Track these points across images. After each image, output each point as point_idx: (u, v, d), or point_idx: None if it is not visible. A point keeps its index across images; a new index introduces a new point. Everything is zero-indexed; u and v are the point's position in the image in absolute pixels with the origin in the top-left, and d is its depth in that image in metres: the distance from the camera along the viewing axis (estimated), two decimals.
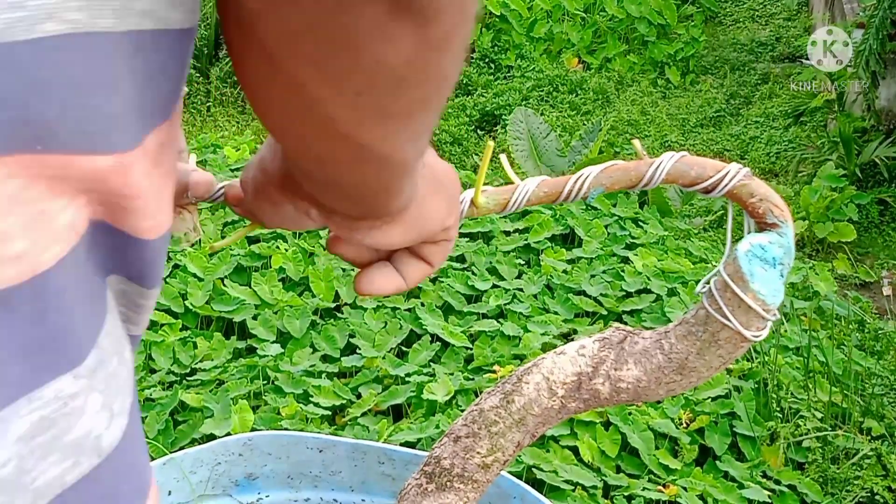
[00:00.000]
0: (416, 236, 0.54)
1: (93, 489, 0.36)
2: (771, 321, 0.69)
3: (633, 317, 2.73)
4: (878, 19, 4.42)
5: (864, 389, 2.43)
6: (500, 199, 0.66)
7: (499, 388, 0.79)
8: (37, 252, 0.34)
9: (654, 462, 2.07)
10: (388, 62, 0.36)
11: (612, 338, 0.76)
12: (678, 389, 0.74)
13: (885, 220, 4.42)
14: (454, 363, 2.43)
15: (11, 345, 0.33)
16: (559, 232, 3.22)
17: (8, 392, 0.33)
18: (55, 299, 0.35)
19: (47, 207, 0.34)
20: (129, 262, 0.40)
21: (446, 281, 2.84)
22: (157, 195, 0.39)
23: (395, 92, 0.39)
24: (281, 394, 2.26)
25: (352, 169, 0.45)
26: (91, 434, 0.36)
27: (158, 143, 0.39)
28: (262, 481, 1.34)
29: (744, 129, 5.53)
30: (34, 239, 0.34)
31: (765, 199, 0.68)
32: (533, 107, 5.40)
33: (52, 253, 0.34)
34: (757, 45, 6.47)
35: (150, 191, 0.38)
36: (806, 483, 2.07)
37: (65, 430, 0.35)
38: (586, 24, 6.45)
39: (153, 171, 0.38)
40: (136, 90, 0.36)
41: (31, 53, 0.31)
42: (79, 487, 0.36)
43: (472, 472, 0.78)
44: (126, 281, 0.41)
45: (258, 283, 2.74)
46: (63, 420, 0.35)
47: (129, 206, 0.37)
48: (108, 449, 0.37)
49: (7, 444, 0.33)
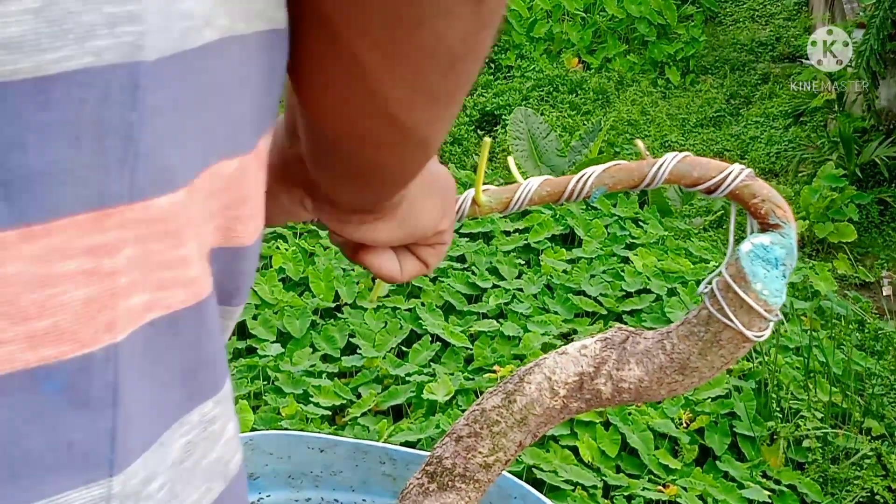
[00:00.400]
0: (404, 235, 0.54)
1: None
2: (773, 321, 0.69)
3: (633, 317, 2.73)
4: (878, 19, 4.42)
5: (864, 389, 2.43)
6: (502, 199, 0.66)
7: (500, 388, 0.79)
8: (203, 278, 0.35)
9: (654, 462, 2.07)
10: (446, 39, 0.38)
11: (613, 338, 0.76)
12: (680, 390, 0.74)
13: (885, 220, 4.42)
14: (454, 363, 2.43)
15: (175, 369, 0.34)
16: (559, 232, 3.22)
17: (169, 415, 0.34)
18: (209, 325, 0.36)
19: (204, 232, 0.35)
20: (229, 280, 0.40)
21: (446, 281, 2.84)
22: (261, 198, 0.40)
23: (446, 72, 0.40)
24: (281, 394, 2.26)
25: (389, 152, 0.46)
26: (222, 460, 0.37)
27: (266, 146, 0.40)
28: (263, 481, 1.34)
29: (744, 129, 5.53)
30: (203, 266, 0.35)
31: (767, 199, 0.68)
32: (533, 107, 5.40)
33: (209, 281, 0.35)
34: (757, 45, 6.47)
35: (257, 194, 0.39)
36: (806, 483, 2.08)
37: (204, 454, 0.36)
38: (586, 24, 6.45)
39: (260, 173, 0.40)
40: (259, 91, 0.37)
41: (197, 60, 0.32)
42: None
43: (473, 471, 0.78)
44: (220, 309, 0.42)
45: (258, 283, 2.74)
46: (203, 445, 0.36)
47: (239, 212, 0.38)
48: (232, 474, 0.38)
49: (165, 469, 0.34)
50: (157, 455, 0.33)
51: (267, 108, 0.39)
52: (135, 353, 0.32)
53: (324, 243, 3.05)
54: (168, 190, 0.32)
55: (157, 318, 0.33)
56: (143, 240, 0.31)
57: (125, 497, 0.32)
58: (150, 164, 0.31)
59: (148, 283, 0.32)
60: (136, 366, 0.32)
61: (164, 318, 0.33)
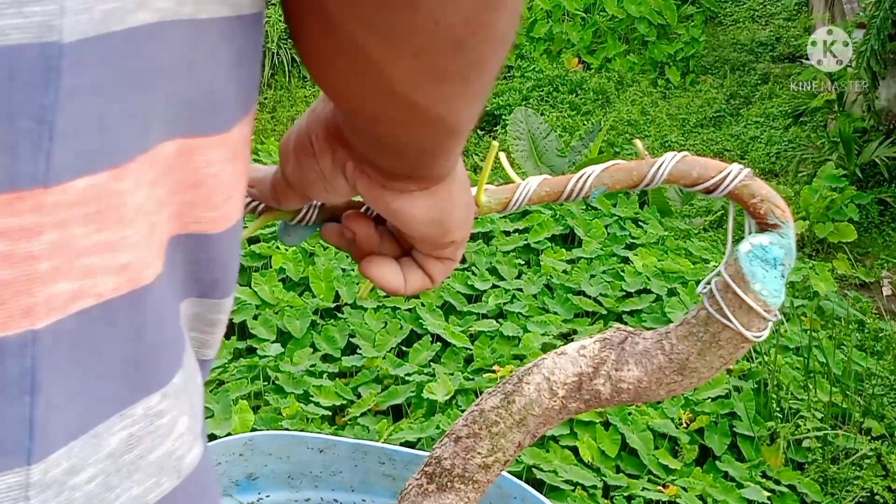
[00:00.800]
0: (436, 218, 0.52)
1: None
2: (772, 322, 0.69)
3: (633, 317, 2.73)
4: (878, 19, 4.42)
5: (864, 389, 2.43)
6: (501, 198, 0.65)
7: (499, 389, 0.79)
8: (140, 266, 0.34)
9: (654, 462, 2.07)
10: (446, 22, 0.37)
11: (612, 338, 0.76)
12: (679, 390, 0.74)
13: (885, 220, 4.42)
14: (454, 363, 2.43)
15: (112, 360, 0.33)
16: (559, 232, 3.21)
17: (105, 408, 0.33)
18: (152, 316, 0.35)
19: (157, 220, 0.34)
20: (201, 270, 0.40)
21: (446, 281, 2.84)
22: (224, 187, 0.39)
23: (452, 54, 0.39)
24: (281, 394, 2.26)
25: (406, 129, 0.45)
26: (174, 455, 0.37)
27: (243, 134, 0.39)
28: (263, 481, 1.34)
29: (744, 129, 5.53)
30: (143, 253, 0.34)
31: (766, 199, 0.68)
32: (533, 107, 5.40)
33: (153, 269, 0.35)
34: (757, 45, 6.47)
35: (222, 180, 0.39)
36: (806, 483, 2.07)
37: (150, 448, 0.35)
38: (586, 24, 6.45)
39: (233, 161, 0.39)
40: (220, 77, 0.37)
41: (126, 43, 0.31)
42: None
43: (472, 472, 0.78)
44: (198, 301, 0.41)
45: (258, 283, 2.74)
46: (149, 438, 0.35)
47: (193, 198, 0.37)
48: (187, 471, 0.37)
49: (98, 460, 0.33)
50: (88, 446, 0.33)
51: (236, 95, 0.38)
52: (61, 342, 0.31)
53: (324, 243, 3.05)
54: (88, 173, 0.31)
55: (88, 307, 0.32)
56: (65, 224, 0.31)
57: (46, 486, 0.31)
58: (67, 148, 0.30)
59: (75, 270, 0.31)
60: (63, 354, 0.31)
61: (96, 307, 0.32)
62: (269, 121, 5.77)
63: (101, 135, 0.31)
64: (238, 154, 0.40)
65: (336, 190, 0.51)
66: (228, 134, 0.38)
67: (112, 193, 0.32)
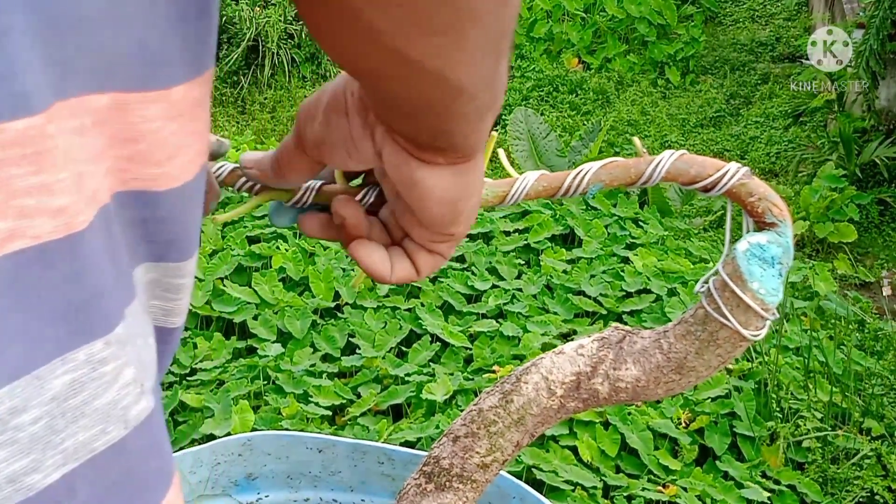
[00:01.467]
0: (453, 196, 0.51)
1: (120, 460, 0.37)
2: (770, 320, 0.69)
3: (632, 317, 2.73)
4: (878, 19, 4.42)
5: (864, 389, 2.43)
6: (498, 192, 0.65)
7: (497, 388, 0.79)
8: (74, 212, 0.34)
9: (654, 462, 2.07)
10: None
11: (610, 337, 0.76)
12: (677, 389, 0.74)
13: (885, 220, 4.42)
14: (454, 363, 2.43)
15: (50, 303, 0.34)
16: (559, 232, 3.21)
17: (46, 350, 0.33)
18: (89, 262, 0.35)
19: (86, 170, 0.35)
20: (152, 231, 0.40)
21: (446, 281, 2.84)
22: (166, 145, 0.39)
23: (437, 4, 0.38)
24: (281, 394, 2.26)
25: (406, 85, 0.44)
26: (119, 404, 0.37)
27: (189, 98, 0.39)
28: (262, 481, 1.34)
29: (744, 129, 5.53)
30: (75, 199, 0.34)
31: (763, 198, 0.68)
32: (533, 107, 5.40)
33: (85, 216, 0.35)
34: (757, 45, 6.47)
35: (165, 138, 0.39)
36: (806, 483, 2.07)
37: (94, 395, 0.35)
38: (586, 24, 6.45)
39: (169, 121, 0.39)
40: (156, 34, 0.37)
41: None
42: (107, 455, 0.36)
43: (471, 471, 0.78)
44: (155, 265, 0.41)
45: (258, 283, 2.74)
46: (92, 385, 0.35)
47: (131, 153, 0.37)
48: (134, 422, 0.38)
49: (41, 403, 0.33)
50: (31, 387, 0.33)
51: (180, 53, 0.38)
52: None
53: (324, 243, 3.04)
54: (24, 114, 0.31)
55: (25, 248, 0.32)
56: (1, 164, 0.31)
57: None
58: (3, 88, 0.31)
59: (9, 210, 0.32)
60: (2, 294, 0.32)
61: (33, 249, 0.33)
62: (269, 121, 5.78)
63: (33, 76, 0.32)
64: (183, 113, 0.39)
65: (359, 154, 0.50)
66: (167, 91, 0.38)
67: (46, 136, 0.32)
